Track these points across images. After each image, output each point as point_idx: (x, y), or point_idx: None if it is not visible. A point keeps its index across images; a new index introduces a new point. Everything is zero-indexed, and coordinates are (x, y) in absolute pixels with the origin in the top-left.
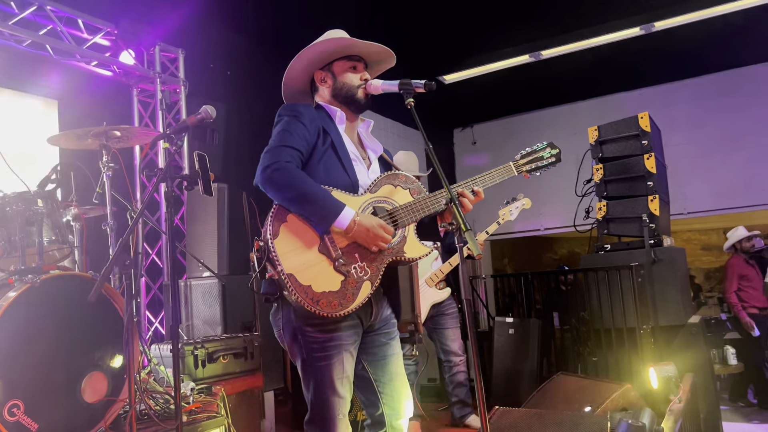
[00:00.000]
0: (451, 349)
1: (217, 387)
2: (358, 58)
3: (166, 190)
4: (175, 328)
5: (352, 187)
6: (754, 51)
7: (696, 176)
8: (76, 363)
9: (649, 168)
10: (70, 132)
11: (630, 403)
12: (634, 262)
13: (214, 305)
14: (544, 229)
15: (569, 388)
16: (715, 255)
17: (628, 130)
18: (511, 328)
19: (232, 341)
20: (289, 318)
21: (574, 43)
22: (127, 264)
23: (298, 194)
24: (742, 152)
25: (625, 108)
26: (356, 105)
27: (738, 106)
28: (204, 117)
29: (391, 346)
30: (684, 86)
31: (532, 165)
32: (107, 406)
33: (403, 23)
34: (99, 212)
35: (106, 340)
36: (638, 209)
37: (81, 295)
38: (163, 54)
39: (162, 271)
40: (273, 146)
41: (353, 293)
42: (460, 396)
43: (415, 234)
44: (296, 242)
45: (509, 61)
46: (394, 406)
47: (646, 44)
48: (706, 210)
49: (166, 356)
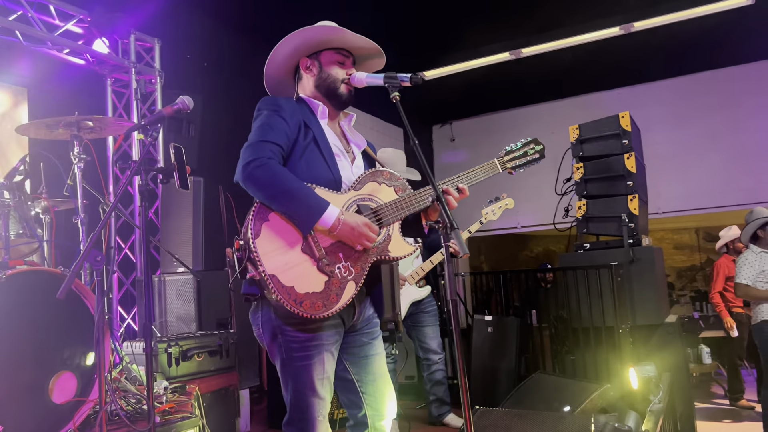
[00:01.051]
0: (430, 347)
1: (192, 386)
2: (347, 53)
3: (140, 183)
4: (148, 325)
5: (335, 183)
6: (728, 54)
7: (670, 176)
8: (44, 362)
9: (629, 167)
10: (40, 121)
11: (609, 403)
12: (613, 261)
13: (189, 302)
14: (520, 227)
15: (548, 387)
16: (686, 254)
17: (608, 129)
18: (489, 326)
19: (208, 338)
20: (269, 317)
21: (554, 42)
22: (98, 260)
23: (280, 192)
24: (716, 153)
25: (602, 107)
26: (338, 99)
27: (712, 107)
28: (181, 107)
29: (374, 345)
30: (660, 87)
31: (516, 161)
32: (76, 406)
33: (382, 19)
34: (69, 205)
35: (75, 338)
36: (618, 208)
37: (50, 291)
38: (139, 43)
39: (135, 266)
40: (253, 141)
41: (337, 294)
42: (438, 394)
43: (400, 232)
44: (278, 242)
45: (489, 59)
46: (377, 407)
47: (625, 44)
48: (681, 210)
49: (139, 354)
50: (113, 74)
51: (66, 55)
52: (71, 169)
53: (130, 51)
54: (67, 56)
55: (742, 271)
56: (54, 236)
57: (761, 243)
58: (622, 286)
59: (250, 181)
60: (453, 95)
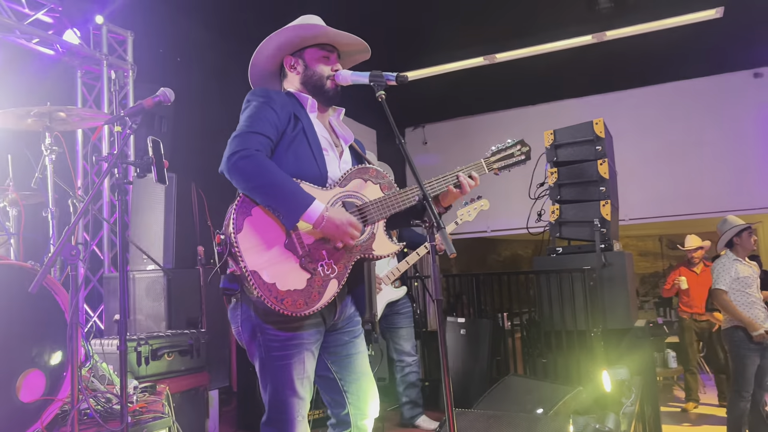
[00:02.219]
0: (404, 348)
1: (162, 385)
2: (331, 48)
3: (116, 176)
4: (123, 322)
5: (321, 178)
6: (695, 66)
7: (637, 184)
8: (12, 359)
9: (602, 173)
10: (8, 111)
11: (582, 406)
12: (585, 265)
13: (159, 300)
14: (490, 230)
15: (520, 389)
16: (650, 261)
17: (583, 135)
18: (462, 328)
19: (178, 338)
20: (249, 315)
21: (528, 48)
22: (73, 254)
23: (265, 184)
24: (681, 162)
25: (573, 114)
26: (324, 96)
27: (679, 117)
28: (162, 99)
29: (356, 344)
30: (629, 96)
31: (503, 162)
32: (44, 405)
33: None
34: (37, 199)
35: (44, 334)
36: (590, 213)
37: (19, 285)
38: (111, 35)
39: (103, 263)
40: (241, 132)
41: (319, 292)
42: (411, 396)
43: (384, 231)
44: (261, 237)
45: (463, 63)
46: (359, 406)
47: (597, 53)
48: (647, 217)
49: (107, 352)
50: (84, 66)
51: (35, 44)
52: (41, 161)
53: (102, 43)
54: (36, 46)
55: (720, 278)
56: (22, 229)
57: (736, 250)
58: (594, 290)
59: (235, 172)
60: (426, 98)
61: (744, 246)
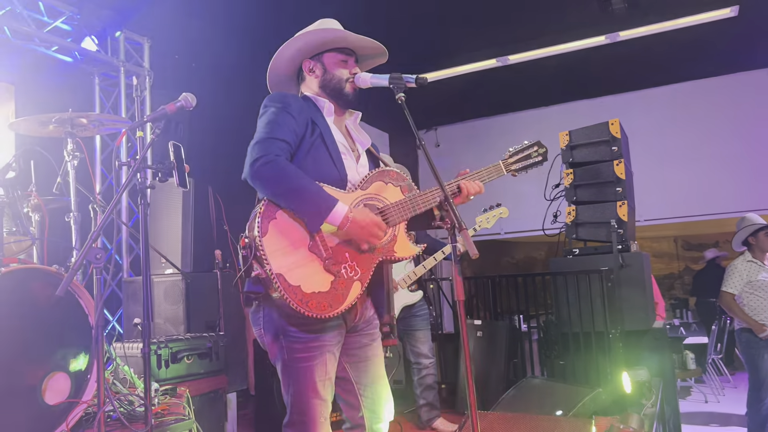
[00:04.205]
0: (422, 351)
1: (182, 388)
2: (350, 52)
3: (138, 181)
4: (147, 326)
5: (341, 182)
6: (710, 65)
7: (651, 184)
8: (37, 362)
9: (618, 174)
10: (32, 117)
11: (602, 407)
12: (602, 266)
13: (178, 303)
14: (504, 233)
15: (539, 391)
16: (665, 262)
17: (598, 135)
18: (479, 330)
19: (197, 341)
20: (271, 317)
21: (540, 49)
22: (98, 258)
23: (289, 188)
24: (696, 163)
25: (587, 115)
26: (344, 100)
27: (694, 117)
28: (184, 105)
29: (373, 347)
30: (643, 96)
31: (520, 164)
32: (69, 408)
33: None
34: (59, 203)
35: (69, 338)
36: (607, 214)
37: (44, 290)
38: (128, 42)
39: (121, 267)
40: (261, 138)
41: (343, 294)
42: (428, 399)
43: (405, 233)
44: (285, 240)
45: (476, 65)
46: (375, 410)
47: (610, 53)
48: (661, 218)
49: (128, 355)
50: (101, 72)
51: (54, 52)
52: (62, 166)
53: (119, 49)
54: (56, 53)
55: (729, 280)
56: (47, 234)
57: (753, 250)
58: (612, 291)
59: (258, 179)
60: (439, 101)
61: (761, 247)
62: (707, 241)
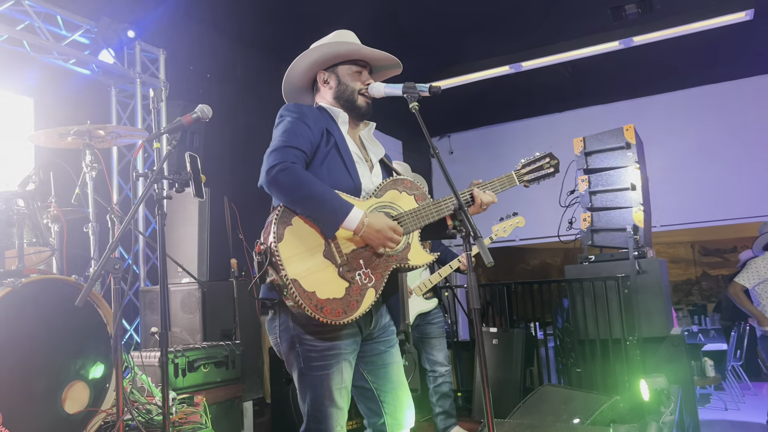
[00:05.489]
0: (437, 359)
1: (199, 396)
2: (364, 63)
3: (156, 192)
4: (165, 336)
5: (355, 190)
6: (725, 68)
7: (667, 190)
8: (57, 371)
9: (634, 180)
10: (51, 130)
11: (620, 415)
12: (618, 273)
13: (194, 312)
14: (518, 239)
15: (556, 399)
16: (682, 268)
17: (614, 141)
18: (494, 338)
19: (214, 350)
20: (287, 325)
21: (553, 56)
22: (117, 268)
23: (305, 194)
24: (712, 167)
25: (601, 121)
26: (357, 111)
27: (709, 121)
28: (200, 116)
29: (391, 353)
30: (657, 101)
31: (533, 175)
32: (88, 416)
33: (383, 31)
34: (77, 214)
35: (88, 347)
36: (623, 221)
37: (64, 299)
38: (144, 53)
39: (138, 277)
40: (277, 146)
41: (357, 300)
42: (444, 407)
43: (419, 241)
44: (300, 246)
45: (489, 72)
46: (396, 416)
47: (624, 59)
48: (678, 223)
49: (146, 364)
50: (118, 84)
51: (72, 65)
52: (80, 177)
53: (135, 61)
54: (73, 66)
55: (745, 273)
56: (65, 245)
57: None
58: (628, 298)
59: (275, 185)
60: (452, 108)
61: None
62: (725, 246)
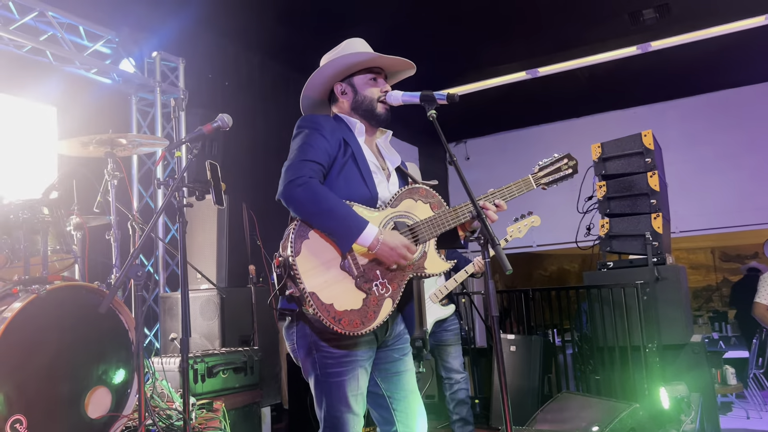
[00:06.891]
0: (453, 366)
1: (218, 402)
2: (379, 69)
3: (176, 199)
4: (186, 342)
5: (371, 200)
6: (745, 72)
7: (686, 196)
8: (80, 376)
9: (652, 186)
10: (74, 139)
11: (639, 423)
12: (637, 279)
13: (213, 318)
14: (536, 245)
15: (574, 406)
16: (702, 274)
17: (631, 147)
18: (512, 345)
19: (232, 355)
20: (305, 332)
21: (570, 61)
22: (140, 275)
23: (321, 210)
24: (733, 172)
25: (619, 126)
26: (376, 119)
27: (730, 126)
28: (221, 125)
29: (405, 362)
30: (677, 106)
31: (550, 177)
32: (110, 421)
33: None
34: (99, 222)
35: (110, 353)
36: (641, 227)
37: (87, 306)
38: (163, 63)
39: (158, 283)
40: (294, 161)
41: (375, 311)
42: (461, 414)
43: (436, 249)
44: (318, 259)
45: (506, 78)
46: (408, 423)
47: (642, 64)
48: (698, 229)
49: (166, 370)
50: (138, 93)
51: (94, 74)
52: (102, 185)
53: (155, 70)
54: (95, 75)
55: (762, 291)
56: (87, 252)
57: None
58: (648, 305)
59: (291, 200)
60: (468, 114)
61: None
62: (745, 252)
